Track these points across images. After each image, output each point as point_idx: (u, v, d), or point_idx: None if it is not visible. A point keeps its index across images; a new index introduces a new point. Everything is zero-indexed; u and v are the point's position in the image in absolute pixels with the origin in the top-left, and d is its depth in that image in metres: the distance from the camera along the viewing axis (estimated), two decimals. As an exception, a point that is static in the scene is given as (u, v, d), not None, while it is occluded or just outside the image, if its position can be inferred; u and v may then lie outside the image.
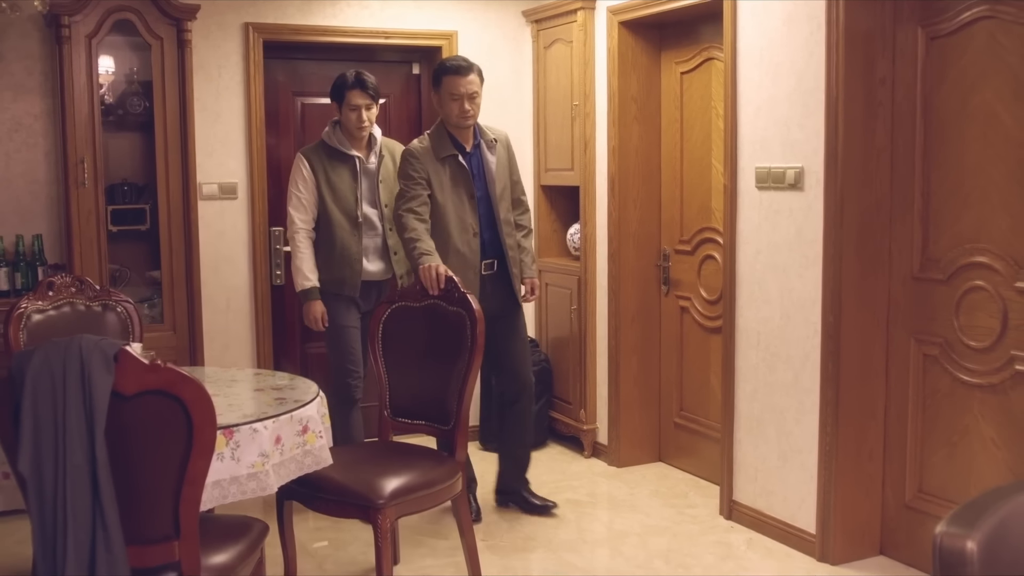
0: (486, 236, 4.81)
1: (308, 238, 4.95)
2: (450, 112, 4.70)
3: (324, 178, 4.94)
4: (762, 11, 4.54)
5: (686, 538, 4.70)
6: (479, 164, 4.80)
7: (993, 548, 2.40)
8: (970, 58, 3.91)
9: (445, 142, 4.73)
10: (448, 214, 4.70)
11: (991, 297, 3.87)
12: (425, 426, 4.14)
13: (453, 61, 4.74)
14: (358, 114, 4.90)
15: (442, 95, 4.71)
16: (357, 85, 4.89)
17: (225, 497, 3.15)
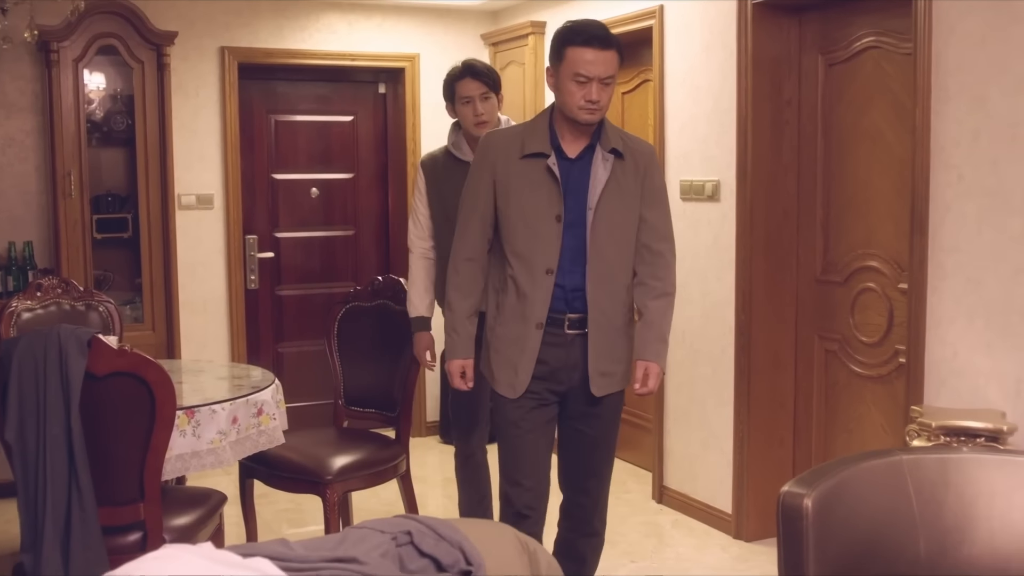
0: (568, 280, 3.36)
1: (423, 258, 4.26)
2: (570, 99, 3.26)
3: (436, 188, 4.22)
4: (685, 38, 5.01)
5: (618, 519, 5.13)
6: (582, 176, 3.35)
7: (828, 505, 2.88)
8: (861, 83, 4.38)
9: (541, 134, 3.36)
10: (515, 234, 3.38)
11: (880, 297, 4.32)
12: (375, 414, 4.58)
13: (585, 28, 3.26)
14: (472, 106, 4.11)
15: (561, 72, 3.28)
16: (467, 73, 4.13)
17: (187, 469, 3.60)
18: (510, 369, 3.42)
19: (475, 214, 3.45)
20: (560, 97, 3.31)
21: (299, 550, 2.13)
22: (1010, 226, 3.50)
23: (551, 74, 3.33)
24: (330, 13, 6.44)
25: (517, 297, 3.39)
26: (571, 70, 3.23)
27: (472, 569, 2.15)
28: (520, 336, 3.39)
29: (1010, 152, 3.48)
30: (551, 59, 3.32)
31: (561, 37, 3.29)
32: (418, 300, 4.24)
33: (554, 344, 3.40)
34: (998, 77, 3.51)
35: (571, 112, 3.28)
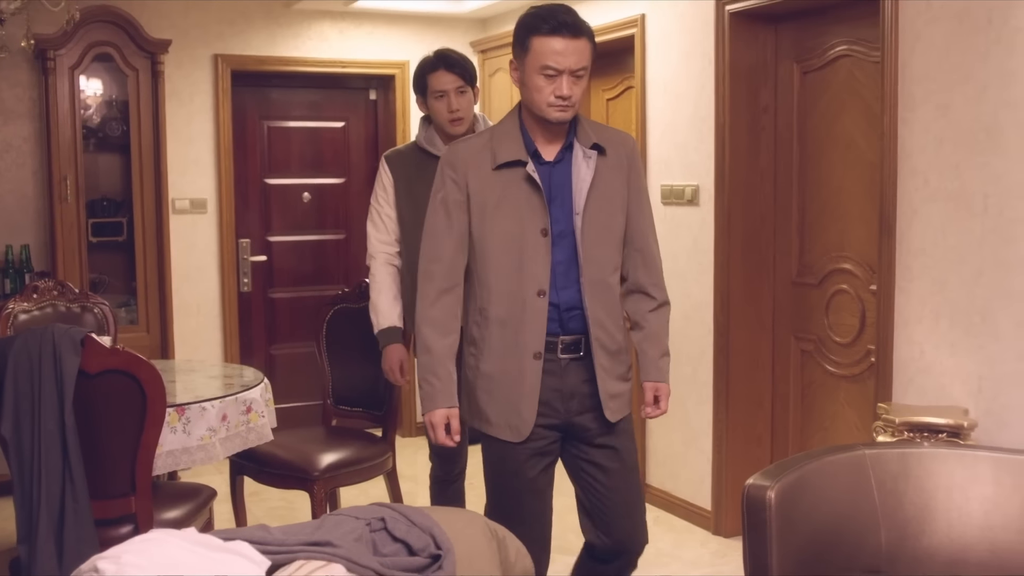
0: (563, 298, 3.04)
1: (388, 264, 3.95)
2: (538, 95, 2.92)
3: (406, 188, 3.91)
4: (665, 47, 5.14)
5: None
6: (564, 180, 3.03)
7: (791, 497, 3.01)
8: (834, 90, 4.50)
9: (512, 140, 3.01)
10: (494, 258, 3.03)
11: (852, 299, 4.44)
12: (363, 412, 4.70)
13: (551, 14, 2.88)
14: (447, 101, 3.81)
15: (527, 65, 2.92)
16: (440, 64, 3.83)
17: (177, 464, 3.72)
18: (510, 410, 3.05)
19: (449, 238, 3.04)
20: (527, 94, 2.95)
21: (278, 534, 2.25)
22: (972, 229, 3.62)
23: (515, 67, 2.98)
24: (322, 21, 6.57)
25: (502, 327, 3.03)
26: (538, 63, 2.87)
27: (441, 553, 2.28)
28: (516, 371, 3.03)
29: (972, 158, 3.61)
30: (515, 51, 2.97)
31: (525, 25, 2.92)
32: (388, 309, 3.93)
33: (547, 372, 3.05)
34: (960, 85, 3.64)
35: (540, 110, 2.93)
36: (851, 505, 3.20)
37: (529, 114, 3.02)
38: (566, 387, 3.08)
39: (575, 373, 3.08)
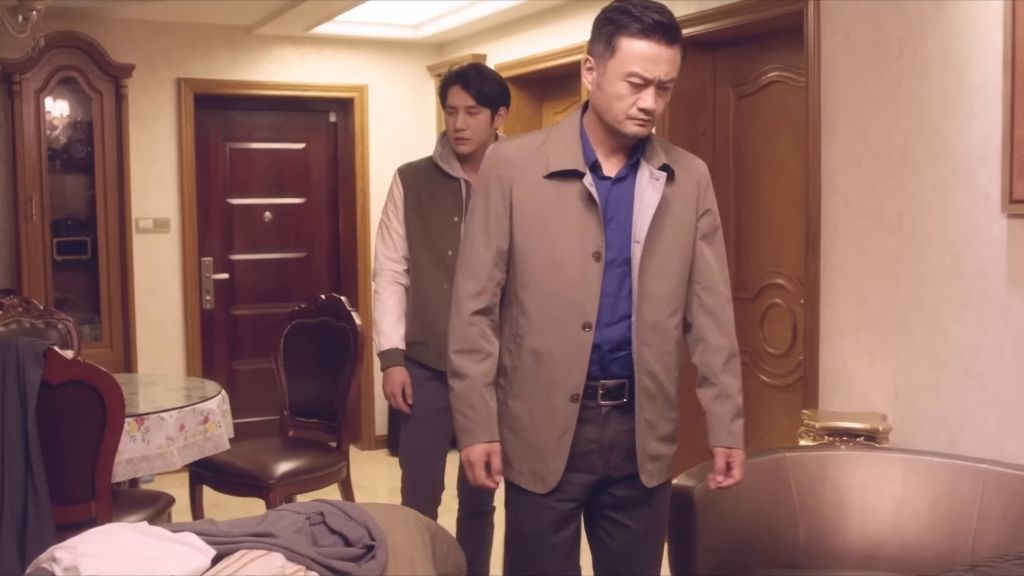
0: (607, 336, 2.63)
1: (394, 282, 3.81)
2: (618, 104, 2.53)
3: (416, 203, 3.79)
4: (610, 73, 5.36)
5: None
6: (624, 201, 2.64)
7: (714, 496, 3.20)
8: (767, 114, 4.74)
9: (571, 146, 2.63)
10: (536, 280, 2.64)
11: (785, 312, 4.67)
12: (318, 423, 4.88)
13: (646, 12, 2.48)
14: (455, 118, 3.70)
15: (609, 68, 2.52)
16: (456, 80, 3.71)
17: (137, 471, 3.89)
18: (536, 455, 2.66)
19: (487, 251, 2.65)
20: (602, 99, 2.54)
21: (223, 527, 2.44)
22: (888, 245, 3.85)
23: (590, 66, 2.56)
24: (283, 46, 6.77)
25: (538, 360, 2.63)
26: (624, 68, 2.47)
27: (375, 544, 2.47)
28: (548, 412, 2.63)
29: (887, 179, 3.84)
30: (594, 49, 2.55)
31: (611, 20, 2.51)
32: (390, 330, 3.76)
33: (584, 420, 2.64)
34: (877, 111, 3.88)
35: (616, 120, 2.53)
36: (771, 504, 3.41)
37: (596, 120, 2.62)
38: (606, 438, 2.66)
39: (617, 423, 2.66)
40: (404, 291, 3.81)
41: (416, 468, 3.83)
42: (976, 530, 3.20)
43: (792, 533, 3.41)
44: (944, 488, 3.30)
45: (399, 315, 3.79)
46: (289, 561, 2.33)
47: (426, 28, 6.69)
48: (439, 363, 3.56)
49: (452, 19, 6.37)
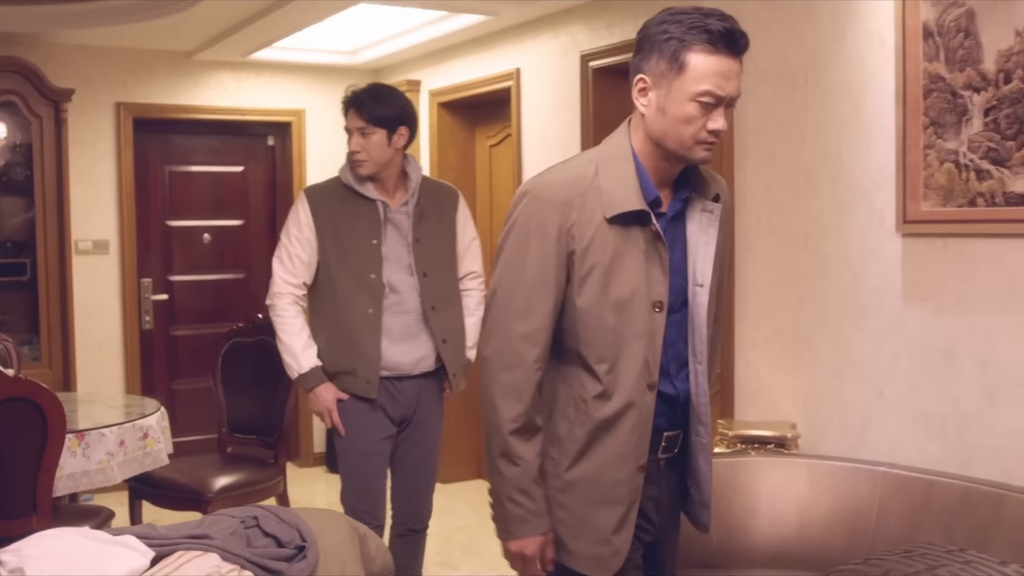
0: (673, 390, 2.35)
1: (295, 304, 3.72)
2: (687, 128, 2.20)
3: (330, 226, 3.69)
4: (538, 98, 5.59)
5: (484, 535, 5.61)
6: (677, 240, 2.35)
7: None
8: (686, 139, 4.97)
9: (627, 181, 2.26)
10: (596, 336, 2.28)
11: (704, 327, 4.89)
12: (256, 440, 5.02)
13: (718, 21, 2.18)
14: (349, 140, 3.70)
15: (676, 88, 2.18)
16: (351, 104, 3.71)
17: (78, 486, 4.02)
18: (597, 536, 2.30)
19: (543, 306, 2.28)
20: (666, 124, 2.20)
21: (162, 531, 2.59)
22: (796, 263, 4.09)
23: (646, 85, 2.23)
24: (221, 71, 6.91)
25: (602, 428, 2.28)
26: (696, 86, 2.15)
27: (306, 545, 2.63)
28: (613, 485, 2.30)
29: (794, 200, 4.08)
30: (651, 66, 2.21)
31: (674, 33, 2.17)
32: (304, 351, 3.69)
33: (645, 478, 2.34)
34: (783, 136, 4.12)
35: (684, 147, 2.21)
36: (685, 508, 3.61)
37: (650, 146, 2.27)
38: (664, 493, 2.42)
39: (669, 476, 2.44)
40: (303, 311, 3.76)
41: (363, 499, 3.73)
42: (875, 528, 3.42)
43: (704, 535, 3.60)
44: (846, 490, 3.52)
45: (308, 335, 3.72)
46: (224, 561, 2.48)
47: (362, 54, 6.87)
48: (368, 390, 3.64)
49: (388, 46, 6.56)
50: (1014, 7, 3.24)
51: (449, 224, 3.87)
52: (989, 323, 3.38)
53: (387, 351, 3.67)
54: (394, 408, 3.75)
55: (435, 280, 3.76)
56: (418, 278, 3.71)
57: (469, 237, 3.95)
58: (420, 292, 3.71)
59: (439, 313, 3.75)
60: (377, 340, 3.64)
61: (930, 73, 3.50)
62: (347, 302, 3.66)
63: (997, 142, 3.31)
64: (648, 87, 2.22)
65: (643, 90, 2.24)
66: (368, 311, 3.63)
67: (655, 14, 2.25)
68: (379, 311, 3.65)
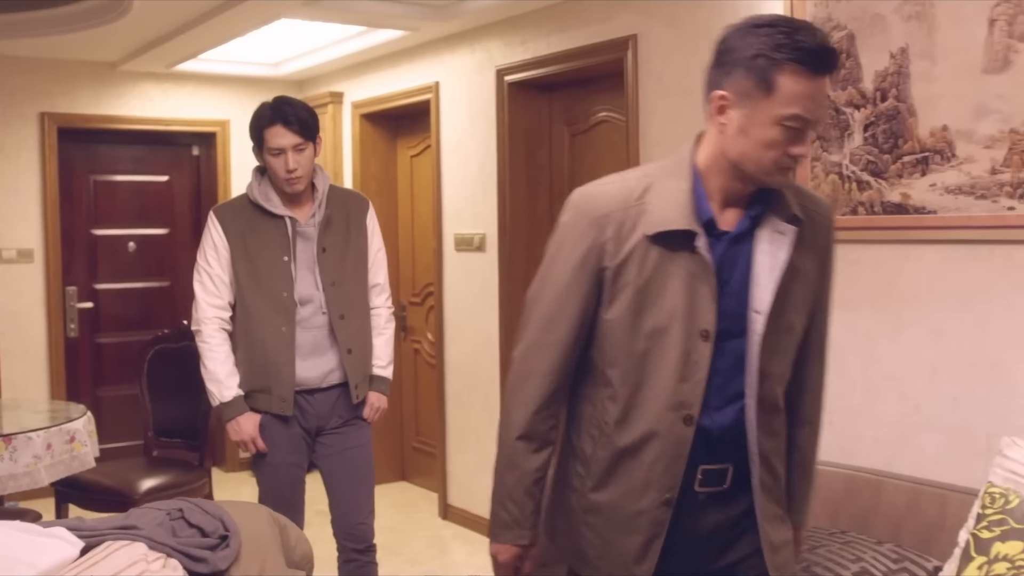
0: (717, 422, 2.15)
1: (221, 330, 3.65)
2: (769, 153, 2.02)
3: (241, 246, 3.63)
4: (456, 111, 5.79)
5: (406, 534, 5.80)
6: (742, 261, 2.14)
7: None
8: (597, 150, 5.21)
9: (679, 198, 2.08)
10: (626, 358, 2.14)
11: (615, 330, 5.11)
12: (181, 443, 5.14)
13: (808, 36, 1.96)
14: (284, 159, 3.54)
15: (762, 110, 1.98)
16: (278, 118, 3.54)
17: (4, 489, 4.13)
18: (620, 563, 2.19)
19: (565, 317, 2.15)
20: (745, 146, 2.02)
21: (91, 523, 2.74)
22: (697, 269, 4.32)
23: (725, 103, 2.02)
24: (146, 82, 7.01)
25: (626, 454, 2.16)
26: (784, 110, 1.96)
27: (229, 534, 2.79)
28: (634, 515, 2.16)
29: (695, 209, 4.32)
30: (734, 84, 2.00)
31: (765, 46, 1.96)
32: (229, 379, 3.63)
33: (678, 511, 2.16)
34: (685, 149, 4.35)
35: (763, 172, 2.04)
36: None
37: (722, 165, 2.09)
38: (701, 529, 2.20)
39: (717, 511, 2.21)
40: (229, 337, 3.68)
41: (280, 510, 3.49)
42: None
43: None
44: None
45: (233, 363, 3.66)
46: (151, 550, 2.64)
47: (286, 66, 7.02)
48: (283, 408, 3.62)
49: (311, 58, 6.71)
50: (889, 32, 3.51)
51: (358, 232, 3.80)
52: (870, 323, 3.65)
53: (296, 367, 3.64)
54: (306, 420, 3.71)
55: (343, 289, 3.70)
56: (325, 288, 3.66)
57: (376, 247, 3.89)
58: (327, 302, 3.66)
59: (347, 322, 3.70)
60: (291, 358, 3.62)
61: (816, 91, 3.76)
62: (260, 321, 3.62)
63: (875, 155, 3.58)
64: (729, 104, 2.02)
65: (722, 108, 2.03)
66: (281, 329, 3.61)
67: (735, 24, 2.03)
68: (292, 329, 3.62)
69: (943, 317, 3.42)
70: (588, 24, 4.84)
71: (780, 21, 2.00)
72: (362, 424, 3.85)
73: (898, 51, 3.49)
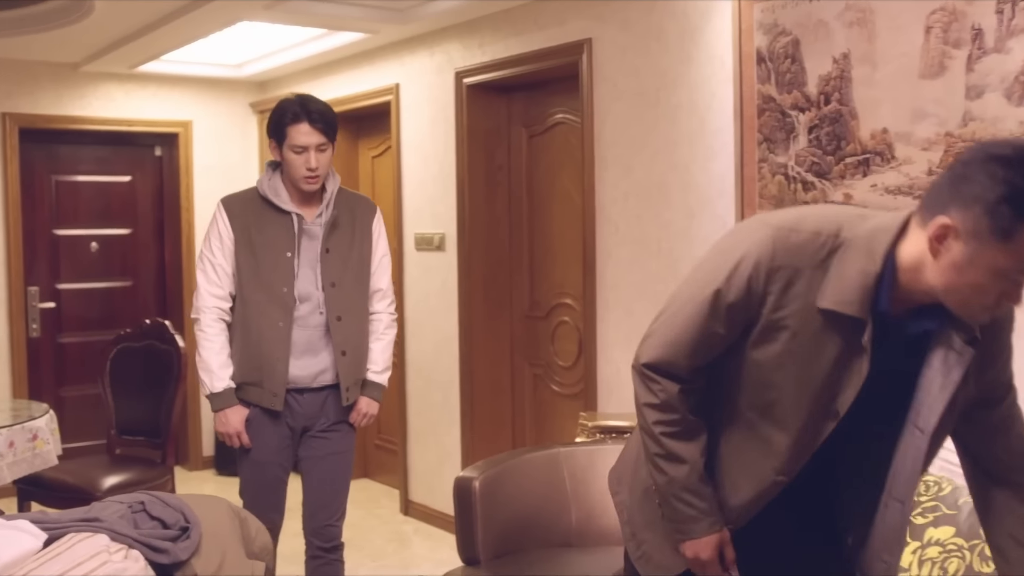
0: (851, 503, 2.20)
1: (219, 320, 3.67)
2: (975, 295, 1.86)
3: (246, 238, 3.65)
4: (416, 113, 5.87)
5: (367, 530, 5.87)
6: (896, 355, 2.02)
7: (495, 486, 3.70)
8: (554, 152, 5.31)
9: (863, 282, 1.93)
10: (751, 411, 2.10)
11: (572, 328, 5.22)
12: (144, 441, 5.19)
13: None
14: (306, 158, 3.57)
15: (989, 254, 1.81)
16: (304, 116, 3.57)
17: (-33, 486, 4.17)
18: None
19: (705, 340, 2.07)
20: (958, 284, 1.86)
21: (54, 515, 2.80)
22: (650, 267, 4.43)
23: (943, 236, 1.85)
24: (108, 83, 7.04)
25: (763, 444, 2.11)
26: (1011, 263, 1.81)
27: (190, 526, 2.86)
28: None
29: (648, 209, 4.43)
30: (973, 218, 1.80)
31: (1012, 192, 1.77)
32: (222, 371, 3.65)
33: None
34: (639, 151, 4.46)
35: (962, 309, 1.90)
36: (547, 492, 3.91)
37: (916, 277, 1.91)
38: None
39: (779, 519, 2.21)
40: (227, 328, 3.69)
41: (260, 507, 3.63)
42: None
43: (566, 517, 3.91)
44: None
45: (228, 354, 3.67)
46: (113, 541, 2.70)
47: (248, 68, 7.07)
48: (274, 403, 3.63)
49: (273, 60, 6.77)
50: (832, 38, 3.63)
51: (363, 236, 3.79)
52: (815, 319, 3.76)
53: (293, 365, 3.65)
54: (293, 419, 3.73)
55: (343, 291, 3.70)
56: (325, 288, 3.66)
57: (381, 253, 3.87)
58: (326, 302, 3.66)
59: (344, 324, 3.70)
60: (286, 354, 3.62)
61: (763, 94, 3.88)
62: (258, 314, 3.63)
63: (819, 156, 3.70)
64: (951, 236, 1.82)
65: (940, 237, 1.84)
66: (279, 324, 3.61)
67: (975, 147, 1.86)
68: (289, 324, 3.62)
69: (884, 313, 3.55)
70: (544, 28, 4.94)
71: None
72: (348, 429, 3.88)
73: (840, 56, 3.62)
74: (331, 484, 3.90)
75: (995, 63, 3.18)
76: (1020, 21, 3.11)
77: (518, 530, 3.80)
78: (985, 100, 3.21)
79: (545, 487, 3.92)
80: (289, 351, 3.63)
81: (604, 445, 4.08)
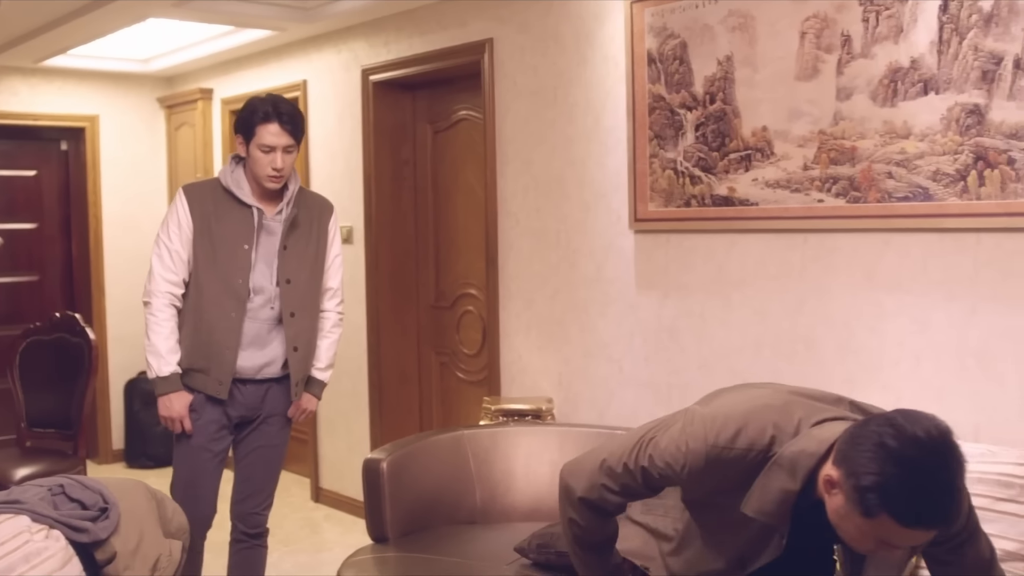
0: None
1: (170, 305, 3.70)
2: (855, 537, 2.04)
3: (205, 227, 3.69)
4: (324, 109, 6.01)
5: (280, 518, 5.96)
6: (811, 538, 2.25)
7: (401, 467, 3.86)
8: (458, 147, 5.49)
9: (784, 499, 2.13)
10: None
11: (476, 318, 5.41)
12: (55, 433, 5.26)
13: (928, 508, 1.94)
14: (272, 157, 3.65)
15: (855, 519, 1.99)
16: (275, 117, 3.64)
17: None
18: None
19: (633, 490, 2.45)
20: (843, 529, 2.03)
21: (-25, 499, 2.90)
22: (549, 258, 4.64)
23: (834, 486, 2.02)
24: (12, 76, 7.04)
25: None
26: (880, 533, 1.98)
27: (109, 507, 2.99)
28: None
29: (547, 203, 4.64)
30: (844, 484, 1.98)
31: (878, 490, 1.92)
32: (170, 355, 3.69)
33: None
34: (538, 146, 4.67)
35: (855, 547, 2.08)
36: (452, 472, 4.09)
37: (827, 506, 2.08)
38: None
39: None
40: (177, 313, 3.74)
41: (191, 492, 3.77)
42: (612, 484, 3.98)
43: (470, 496, 4.10)
44: (589, 452, 4.07)
45: (177, 339, 3.72)
46: (34, 522, 2.82)
47: (156, 63, 7.12)
48: (219, 391, 3.71)
49: (180, 55, 6.83)
50: (716, 41, 3.87)
51: (320, 236, 3.89)
52: (703, 305, 4.01)
53: (241, 355, 3.73)
54: (234, 408, 3.80)
55: (297, 287, 3.78)
56: (280, 284, 3.73)
57: (335, 252, 4.00)
58: (280, 298, 3.74)
59: (296, 320, 3.78)
60: (236, 344, 3.70)
61: (654, 94, 4.11)
62: (211, 303, 3.69)
63: (705, 152, 3.94)
64: (837, 488, 2.00)
65: (830, 486, 2.02)
66: (231, 315, 3.69)
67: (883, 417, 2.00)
68: (241, 315, 3.69)
69: (765, 299, 3.80)
70: (447, 28, 5.12)
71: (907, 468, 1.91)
72: (285, 423, 4.00)
73: (724, 58, 3.86)
74: (263, 474, 4.02)
75: (862, 67, 3.44)
76: (883, 29, 3.37)
77: (425, 509, 3.98)
78: (853, 101, 3.47)
79: (450, 468, 4.10)
80: (239, 342, 3.71)
81: (506, 427, 4.29)
